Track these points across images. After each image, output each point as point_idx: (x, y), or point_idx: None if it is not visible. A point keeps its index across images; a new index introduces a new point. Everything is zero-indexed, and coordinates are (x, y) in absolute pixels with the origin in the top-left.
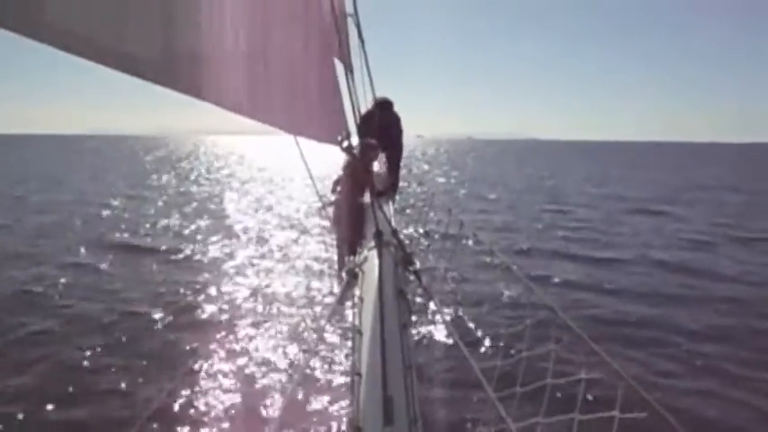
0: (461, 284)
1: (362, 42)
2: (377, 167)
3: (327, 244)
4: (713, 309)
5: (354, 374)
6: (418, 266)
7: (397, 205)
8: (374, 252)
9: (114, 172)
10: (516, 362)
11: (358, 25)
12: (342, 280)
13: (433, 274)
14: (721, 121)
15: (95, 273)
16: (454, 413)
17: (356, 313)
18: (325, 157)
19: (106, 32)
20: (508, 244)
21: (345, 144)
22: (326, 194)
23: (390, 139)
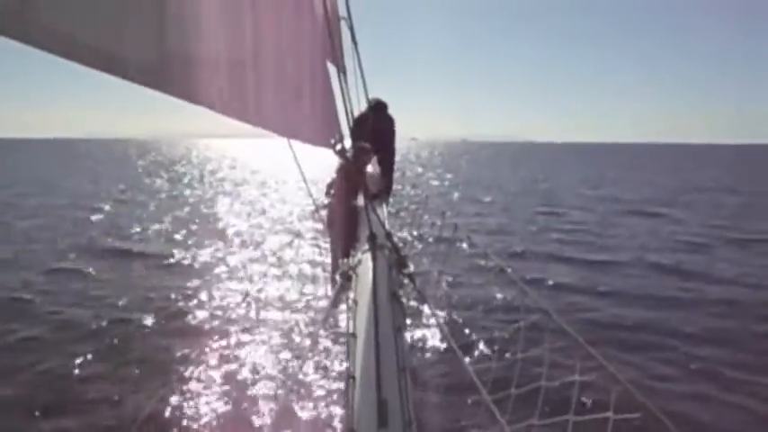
0: (455, 287)
1: (356, 45)
2: (370, 170)
3: (321, 247)
4: (709, 311)
5: (348, 378)
6: (412, 269)
7: (391, 208)
8: (368, 255)
9: (107, 176)
10: (511, 364)
11: (351, 28)
12: (335, 283)
13: (427, 276)
14: (719, 123)
15: (85, 278)
16: (449, 416)
17: (350, 316)
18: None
19: (98, 36)
20: (502, 247)
21: (339, 147)
22: (320, 198)
23: (384, 141)
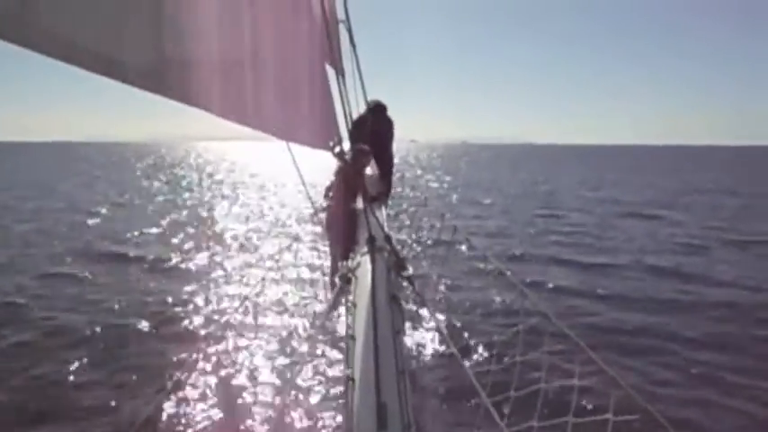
0: (455, 290)
1: (354, 47)
2: (369, 172)
3: (320, 250)
4: (709, 315)
5: (348, 380)
6: (411, 272)
7: (390, 210)
8: (367, 257)
9: (105, 179)
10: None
11: (349, 30)
12: (334, 286)
13: (426, 279)
14: (719, 124)
15: (80, 283)
16: (448, 418)
17: (349, 319)
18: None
19: (97, 40)
20: (502, 249)
21: (337, 149)
22: (319, 201)
23: (383, 143)
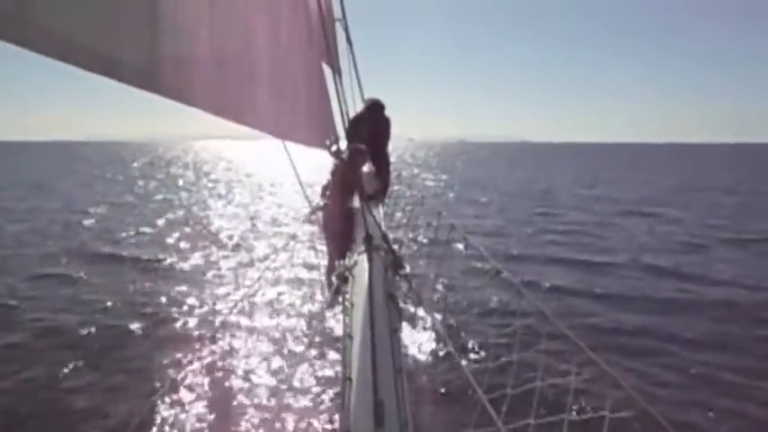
0: (451, 288)
1: (351, 46)
2: (366, 171)
3: (317, 249)
4: (708, 314)
5: (345, 379)
6: (408, 270)
7: (386, 209)
8: (364, 256)
9: (102, 178)
10: (507, 364)
11: (346, 29)
12: (331, 285)
13: (423, 278)
14: (716, 122)
15: (73, 283)
16: (445, 416)
17: (346, 318)
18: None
19: (94, 39)
20: (499, 248)
21: (334, 148)
22: (315, 199)
23: (380, 142)
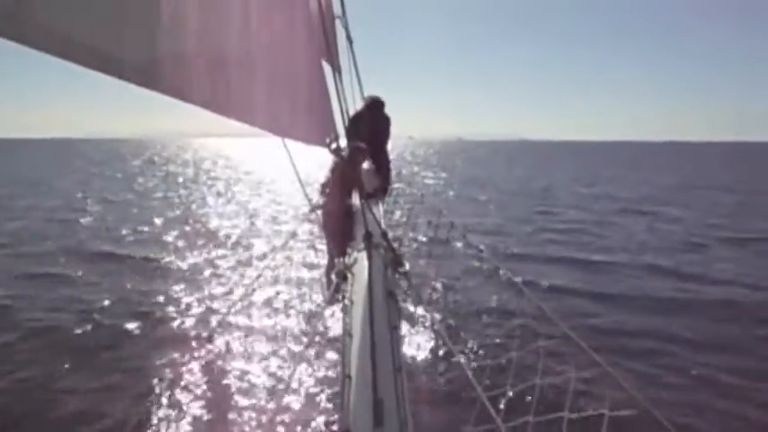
0: (451, 286)
1: (351, 44)
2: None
3: (316, 247)
4: (708, 314)
5: (344, 377)
6: (408, 268)
7: (386, 207)
8: (364, 254)
9: (101, 176)
10: (506, 362)
11: (346, 27)
12: (331, 282)
13: (422, 276)
14: (716, 121)
15: (69, 282)
16: (444, 414)
17: (346, 315)
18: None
19: (93, 36)
20: (498, 246)
21: (334, 146)
22: (315, 197)
23: (380, 140)
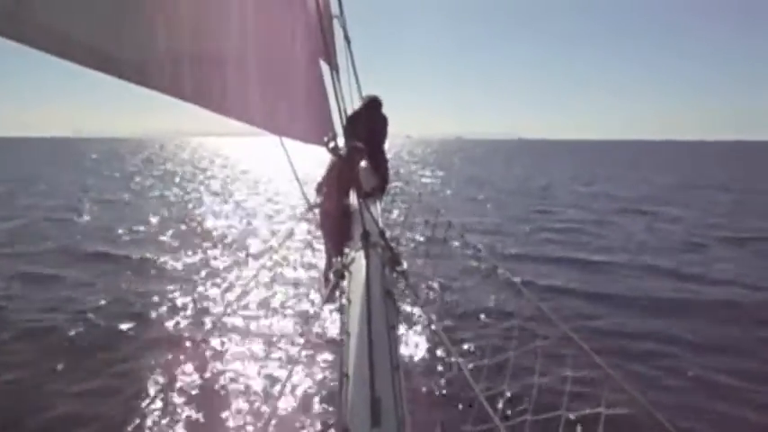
0: (449, 285)
1: (348, 43)
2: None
3: (314, 246)
4: (707, 314)
5: (342, 376)
6: (406, 267)
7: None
8: (361, 253)
9: (99, 175)
10: (504, 361)
11: (344, 26)
12: (328, 281)
13: (420, 274)
14: (714, 120)
15: (63, 283)
16: (442, 414)
17: (343, 315)
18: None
19: (92, 35)
20: (496, 245)
21: (332, 145)
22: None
23: (378, 139)
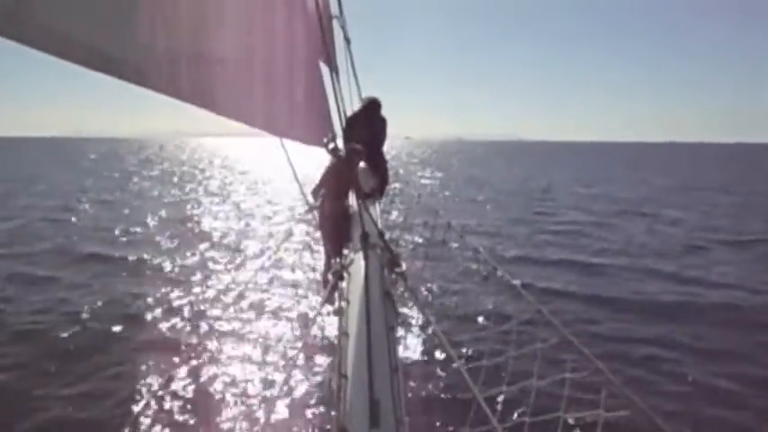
0: (448, 287)
1: (348, 44)
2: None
3: (313, 248)
4: (707, 316)
5: (340, 377)
6: (404, 268)
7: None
8: (360, 254)
9: (98, 175)
10: (502, 363)
11: (344, 27)
12: (327, 282)
13: (419, 276)
14: (713, 121)
15: (57, 284)
16: (440, 415)
17: (342, 316)
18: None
19: (91, 36)
20: (495, 247)
21: (332, 146)
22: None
23: (377, 141)
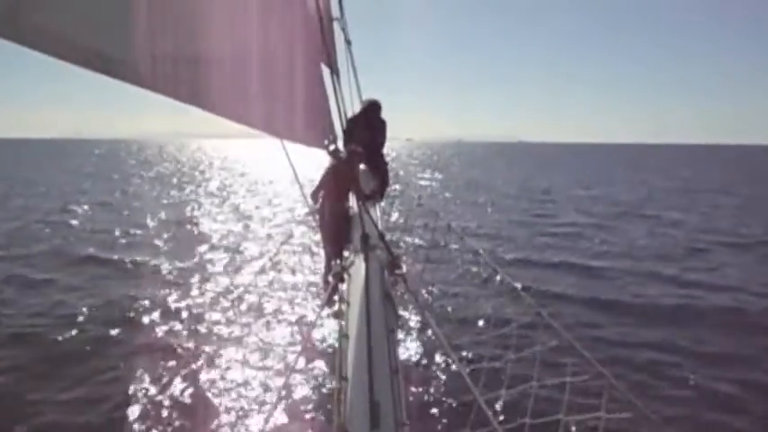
0: (448, 288)
1: (349, 45)
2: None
3: (312, 250)
4: (710, 321)
5: (341, 379)
6: (405, 270)
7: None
8: (361, 256)
9: (97, 176)
10: (503, 365)
11: (344, 29)
12: (328, 284)
13: (420, 277)
14: (714, 123)
15: (54, 287)
16: (441, 417)
17: (342, 317)
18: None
19: (91, 37)
20: (495, 249)
21: (332, 148)
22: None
23: (377, 142)
